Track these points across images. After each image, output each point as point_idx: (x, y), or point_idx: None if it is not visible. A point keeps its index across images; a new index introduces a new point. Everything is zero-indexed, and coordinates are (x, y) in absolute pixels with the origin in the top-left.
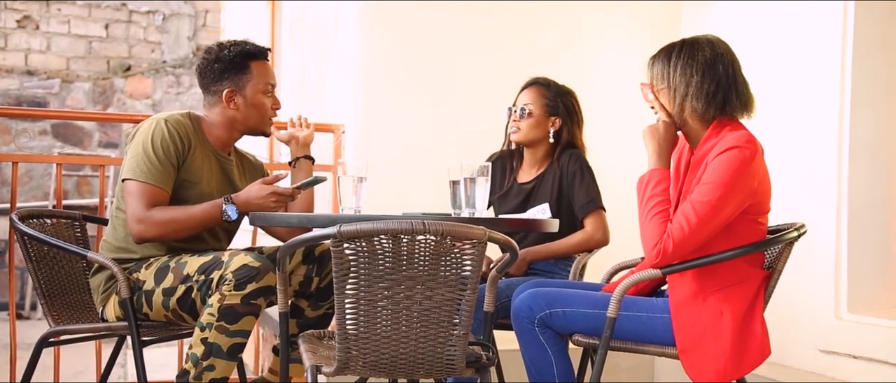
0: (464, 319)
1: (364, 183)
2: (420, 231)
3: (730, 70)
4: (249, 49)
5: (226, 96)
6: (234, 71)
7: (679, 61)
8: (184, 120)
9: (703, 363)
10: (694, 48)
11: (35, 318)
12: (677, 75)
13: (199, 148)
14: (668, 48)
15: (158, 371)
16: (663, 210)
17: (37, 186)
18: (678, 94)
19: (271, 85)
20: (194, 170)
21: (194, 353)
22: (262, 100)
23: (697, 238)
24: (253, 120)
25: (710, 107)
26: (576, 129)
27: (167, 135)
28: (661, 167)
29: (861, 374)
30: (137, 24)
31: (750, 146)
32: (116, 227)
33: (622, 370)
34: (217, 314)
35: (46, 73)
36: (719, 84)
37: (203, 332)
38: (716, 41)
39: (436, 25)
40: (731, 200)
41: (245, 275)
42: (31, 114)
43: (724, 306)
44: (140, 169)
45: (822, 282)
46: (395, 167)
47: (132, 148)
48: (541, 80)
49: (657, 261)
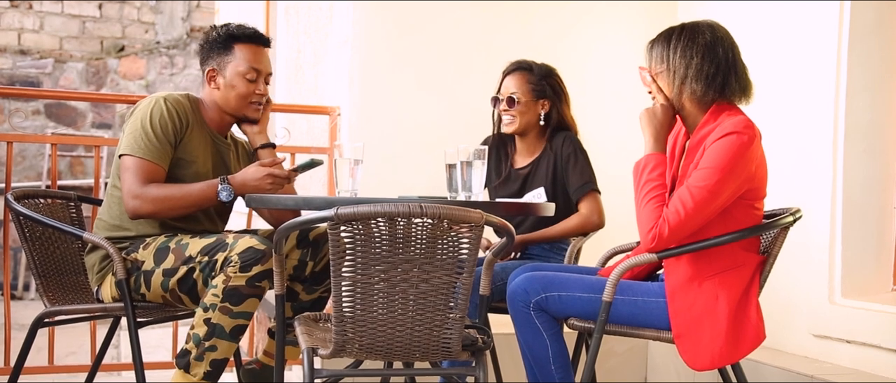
0: (460, 303)
1: (360, 165)
2: (417, 214)
3: (730, 54)
4: (235, 31)
5: (207, 75)
6: (217, 51)
7: (679, 44)
8: (183, 100)
9: (699, 347)
10: (694, 31)
11: (27, 299)
12: (677, 58)
13: (197, 128)
14: (667, 32)
15: (152, 352)
16: (659, 195)
17: (29, 166)
18: (677, 76)
19: (256, 70)
20: (190, 150)
21: (196, 333)
22: (239, 83)
23: (694, 222)
24: (232, 102)
25: (710, 90)
26: (564, 107)
27: (166, 114)
28: (657, 152)
29: (854, 359)
30: (131, 4)
31: (748, 131)
32: (111, 205)
33: (616, 354)
34: (221, 295)
35: (39, 53)
36: (719, 67)
37: (206, 313)
38: (715, 25)
39: (431, 7)
40: (728, 185)
41: (251, 257)
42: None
43: (719, 291)
44: (137, 145)
45: (817, 267)
46: (390, 150)
47: (130, 124)
48: (522, 64)
49: (653, 246)
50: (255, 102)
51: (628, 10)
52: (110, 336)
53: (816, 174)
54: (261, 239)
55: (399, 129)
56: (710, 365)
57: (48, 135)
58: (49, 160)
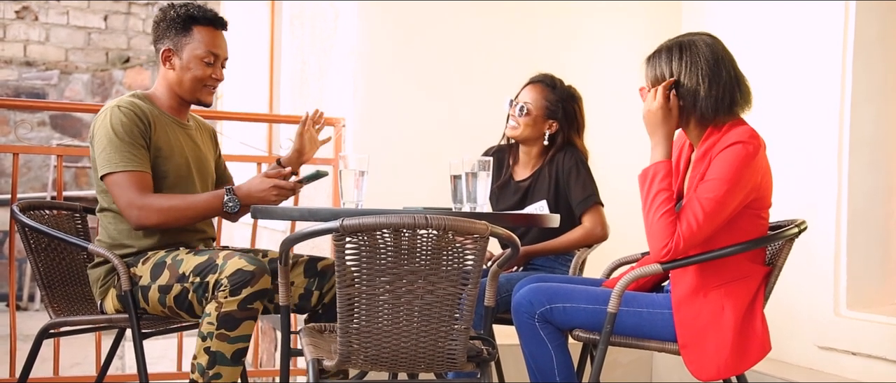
0: (465, 314)
1: (365, 176)
2: (422, 225)
3: (732, 71)
4: (194, 12)
5: (163, 55)
6: (175, 31)
7: (682, 66)
8: (135, 99)
9: (704, 358)
10: (694, 53)
11: (32, 309)
12: (683, 78)
13: (159, 122)
14: (666, 52)
15: (157, 362)
16: (670, 207)
17: (35, 177)
18: (686, 98)
19: (214, 55)
20: (162, 145)
21: (199, 364)
22: (196, 66)
23: (703, 234)
24: (186, 85)
25: (719, 111)
26: (573, 135)
27: (126, 118)
28: (664, 159)
29: (860, 371)
30: (136, 15)
31: (753, 141)
32: (107, 226)
33: (621, 365)
34: (216, 322)
35: (45, 65)
36: (725, 87)
37: (205, 342)
38: (711, 42)
39: (436, 17)
40: (736, 195)
41: (239, 280)
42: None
43: (725, 301)
44: (112, 160)
45: (822, 279)
46: (395, 160)
47: (97, 144)
48: (547, 79)
49: (665, 259)
50: (210, 86)
51: (632, 18)
52: (115, 347)
53: (821, 185)
54: (250, 259)
55: (403, 140)
56: (715, 376)
57: (54, 147)
58: (54, 171)
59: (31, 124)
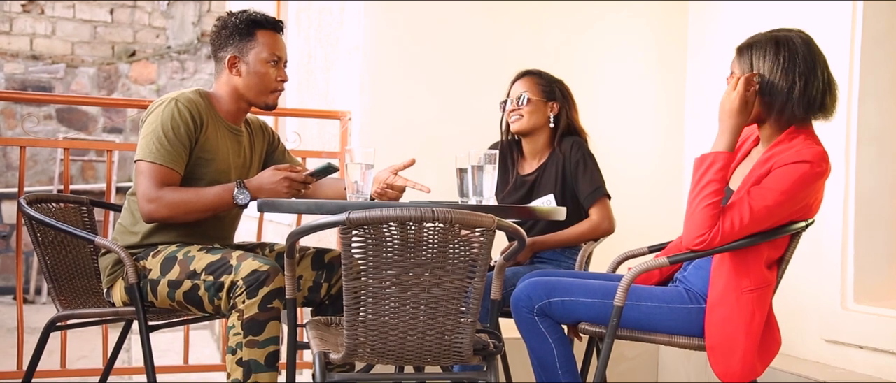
0: (471, 307)
1: (371, 170)
2: (429, 218)
3: (826, 73)
4: (257, 17)
5: (229, 62)
6: (239, 37)
7: (778, 63)
8: (195, 97)
9: (731, 361)
10: (791, 51)
11: (39, 302)
12: (778, 76)
13: (212, 124)
14: (761, 45)
15: (163, 355)
16: (717, 201)
17: (41, 171)
18: (777, 96)
19: (278, 56)
20: (209, 148)
21: (236, 379)
22: (265, 70)
23: (742, 235)
24: (254, 89)
25: (809, 113)
26: (573, 113)
27: (179, 116)
28: (727, 151)
29: (867, 365)
30: (142, 9)
31: (822, 165)
32: (132, 211)
33: (627, 358)
34: (242, 331)
35: (51, 58)
36: (818, 89)
37: (235, 355)
38: (808, 40)
39: (442, 12)
40: (786, 209)
41: (255, 281)
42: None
43: (756, 308)
44: (150, 150)
45: (829, 273)
46: (401, 154)
47: (144, 129)
48: (531, 71)
49: (698, 249)
50: (277, 89)
51: (639, 17)
52: (122, 340)
53: (828, 180)
54: (262, 259)
55: (409, 134)
56: (740, 378)
57: (60, 140)
58: (61, 164)
59: (37, 117)
